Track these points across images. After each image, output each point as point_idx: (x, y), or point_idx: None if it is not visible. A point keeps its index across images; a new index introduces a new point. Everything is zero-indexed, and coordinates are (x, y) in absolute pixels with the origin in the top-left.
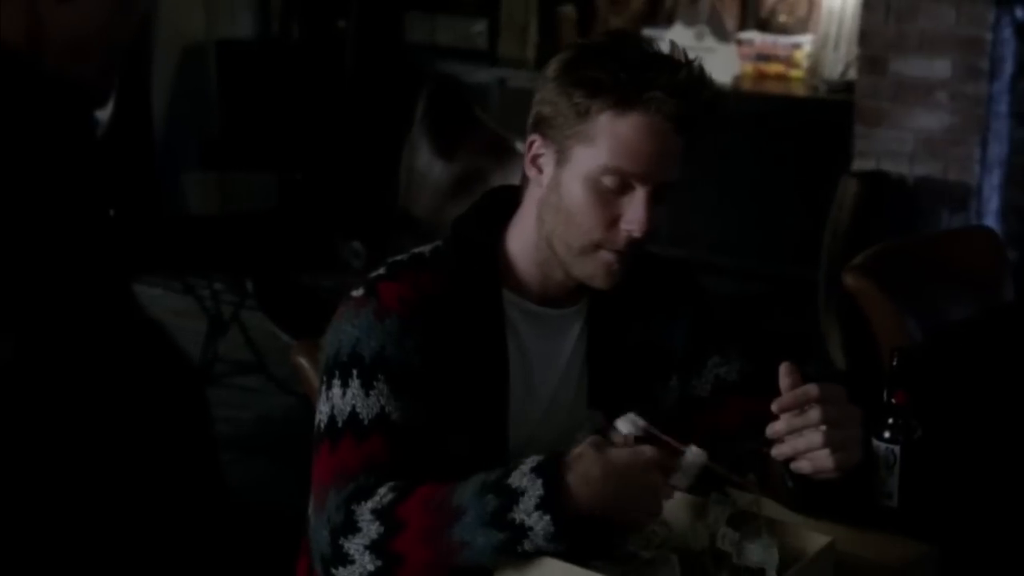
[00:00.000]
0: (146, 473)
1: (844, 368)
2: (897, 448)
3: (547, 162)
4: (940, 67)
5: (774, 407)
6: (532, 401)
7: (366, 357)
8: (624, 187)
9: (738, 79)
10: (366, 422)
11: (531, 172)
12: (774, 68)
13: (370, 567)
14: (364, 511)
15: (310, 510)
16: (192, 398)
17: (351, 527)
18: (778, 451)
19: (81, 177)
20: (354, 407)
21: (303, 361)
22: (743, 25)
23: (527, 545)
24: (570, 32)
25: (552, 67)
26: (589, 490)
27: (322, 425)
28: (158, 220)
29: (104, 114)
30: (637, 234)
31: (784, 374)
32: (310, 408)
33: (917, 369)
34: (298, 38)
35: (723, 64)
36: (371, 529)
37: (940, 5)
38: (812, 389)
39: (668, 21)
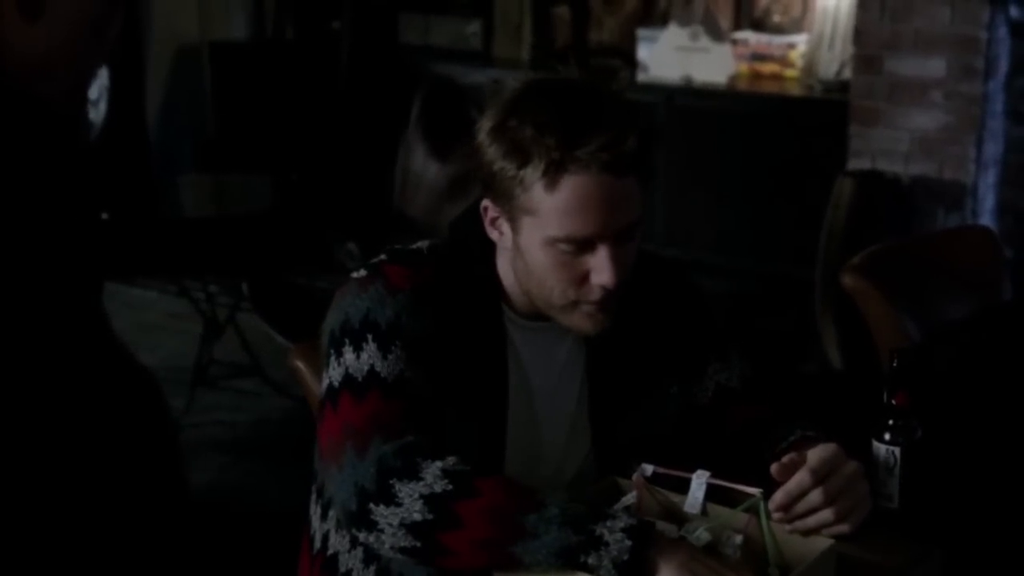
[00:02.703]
0: (104, 486)
1: (840, 367)
2: (898, 450)
3: (504, 226)
4: (935, 66)
5: (772, 507)
6: (531, 407)
7: (381, 323)
8: (584, 246)
9: (733, 79)
10: (390, 380)
11: (493, 235)
12: (769, 68)
13: (417, 516)
14: (432, 466)
15: (327, 453)
16: (155, 416)
17: (411, 473)
18: (793, 528)
19: (43, 190)
20: (372, 366)
21: (301, 364)
22: (738, 25)
23: (592, 559)
24: (564, 32)
25: (482, 130)
26: (681, 554)
27: (336, 383)
28: (153, 222)
29: (98, 117)
30: (610, 286)
31: (775, 473)
32: (307, 411)
33: (917, 370)
34: (292, 39)
35: (718, 64)
36: (436, 483)
37: (935, 4)
38: (805, 480)
39: (663, 21)
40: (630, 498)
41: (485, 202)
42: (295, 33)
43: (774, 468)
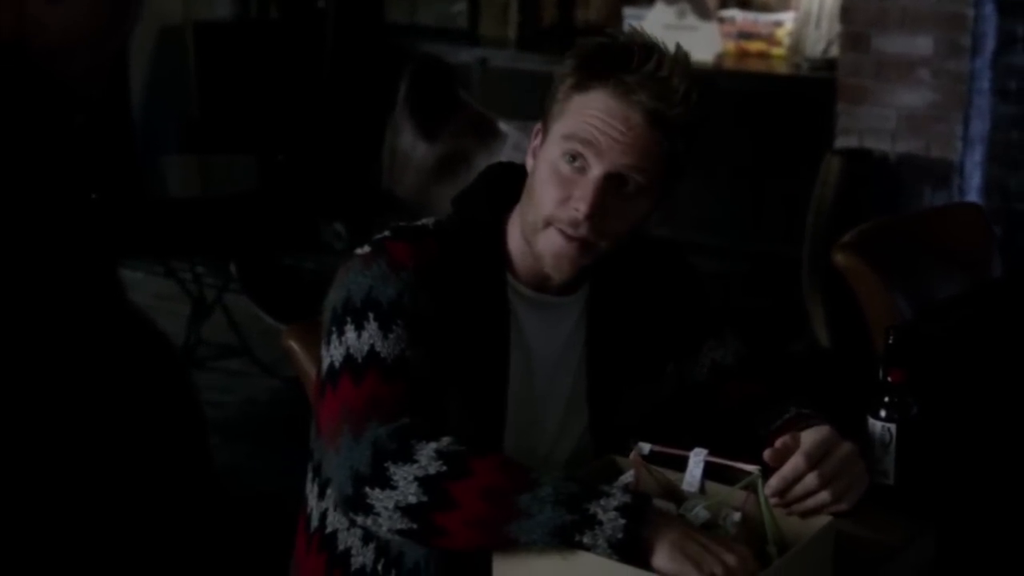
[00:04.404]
0: (136, 460)
1: (828, 346)
2: (893, 427)
3: (539, 149)
4: (922, 44)
5: (768, 492)
6: (530, 385)
7: (383, 302)
8: (583, 168)
9: (720, 57)
10: (389, 361)
11: (529, 162)
12: (756, 46)
13: (412, 499)
14: (426, 447)
15: (326, 437)
16: (179, 385)
17: (405, 456)
18: (791, 512)
19: (62, 167)
20: (373, 346)
21: (294, 345)
22: (724, 3)
23: (587, 538)
24: (551, 11)
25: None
26: (673, 532)
27: (337, 363)
28: (138, 203)
29: None
30: (580, 214)
31: (769, 459)
32: (295, 391)
33: (912, 347)
34: (277, 18)
35: (704, 42)
36: (431, 465)
37: None
38: (800, 464)
39: (650, 0)
40: (628, 476)
41: (537, 127)
42: (280, 12)
43: (767, 454)
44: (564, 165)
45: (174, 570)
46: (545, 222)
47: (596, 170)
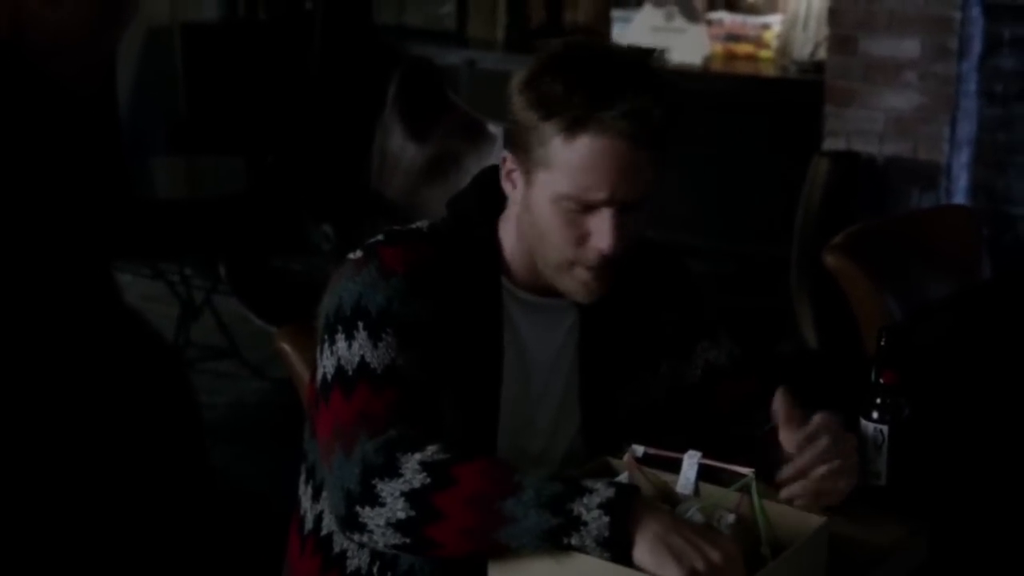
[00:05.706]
0: (134, 459)
1: (816, 347)
2: (885, 428)
3: (519, 180)
4: (909, 46)
5: (786, 446)
6: (525, 387)
7: (372, 311)
8: (589, 207)
9: (708, 60)
10: (379, 371)
11: (507, 187)
12: (743, 48)
13: (401, 515)
14: (411, 460)
15: (324, 451)
16: (176, 384)
17: (391, 471)
18: (788, 493)
19: (56, 165)
20: (363, 357)
21: (287, 346)
22: (712, 6)
23: (575, 539)
24: (539, 13)
25: (516, 80)
26: (656, 524)
27: (329, 376)
28: (126, 205)
29: None
30: (607, 252)
31: (783, 423)
32: (284, 392)
33: (905, 348)
34: (264, 20)
35: (692, 45)
36: (415, 478)
37: None
38: (817, 424)
39: (637, 2)
40: (622, 478)
41: (505, 153)
42: (267, 13)
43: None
44: (571, 209)
45: (170, 567)
46: (568, 263)
47: (606, 210)
